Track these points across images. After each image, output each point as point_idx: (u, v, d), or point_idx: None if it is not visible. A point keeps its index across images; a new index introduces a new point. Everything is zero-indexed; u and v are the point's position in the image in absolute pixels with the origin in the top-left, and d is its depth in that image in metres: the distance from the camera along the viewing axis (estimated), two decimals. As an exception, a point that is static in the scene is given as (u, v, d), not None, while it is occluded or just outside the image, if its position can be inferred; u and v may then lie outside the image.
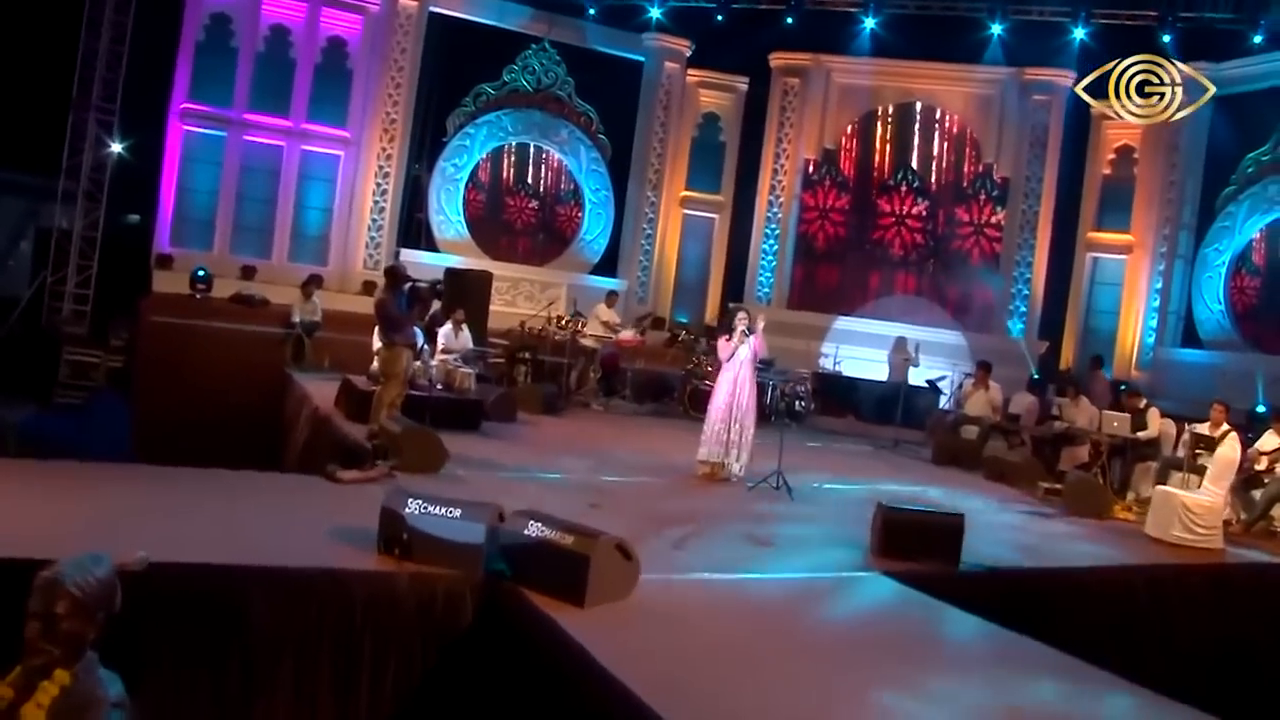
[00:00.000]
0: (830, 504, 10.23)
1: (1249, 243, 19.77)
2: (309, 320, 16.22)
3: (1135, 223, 21.45)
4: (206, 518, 6.70)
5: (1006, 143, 22.29)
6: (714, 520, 8.73)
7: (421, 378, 11.65)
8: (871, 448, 15.49)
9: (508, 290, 21.17)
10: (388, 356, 10.22)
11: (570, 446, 12.03)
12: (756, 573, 7.02)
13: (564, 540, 5.67)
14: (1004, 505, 11.51)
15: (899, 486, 11.87)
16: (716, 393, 10.69)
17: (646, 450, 12.47)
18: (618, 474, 10.39)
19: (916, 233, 22.97)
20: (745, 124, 23.90)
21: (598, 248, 23.09)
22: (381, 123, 20.92)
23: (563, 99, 22.50)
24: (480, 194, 22.38)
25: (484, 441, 11.44)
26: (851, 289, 23.19)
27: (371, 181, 20.96)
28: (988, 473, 13.52)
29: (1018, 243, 22.18)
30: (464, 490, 8.61)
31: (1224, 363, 19.22)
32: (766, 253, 23.54)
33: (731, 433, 10.46)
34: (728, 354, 10.64)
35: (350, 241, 20.91)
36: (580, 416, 15.24)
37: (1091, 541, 9.91)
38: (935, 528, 7.90)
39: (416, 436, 9.12)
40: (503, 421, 12.91)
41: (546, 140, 22.58)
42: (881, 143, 23.40)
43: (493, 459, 10.33)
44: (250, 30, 19.65)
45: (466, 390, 12.50)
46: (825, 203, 23.44)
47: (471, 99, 21.83)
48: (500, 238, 22.58)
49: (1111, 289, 21.79)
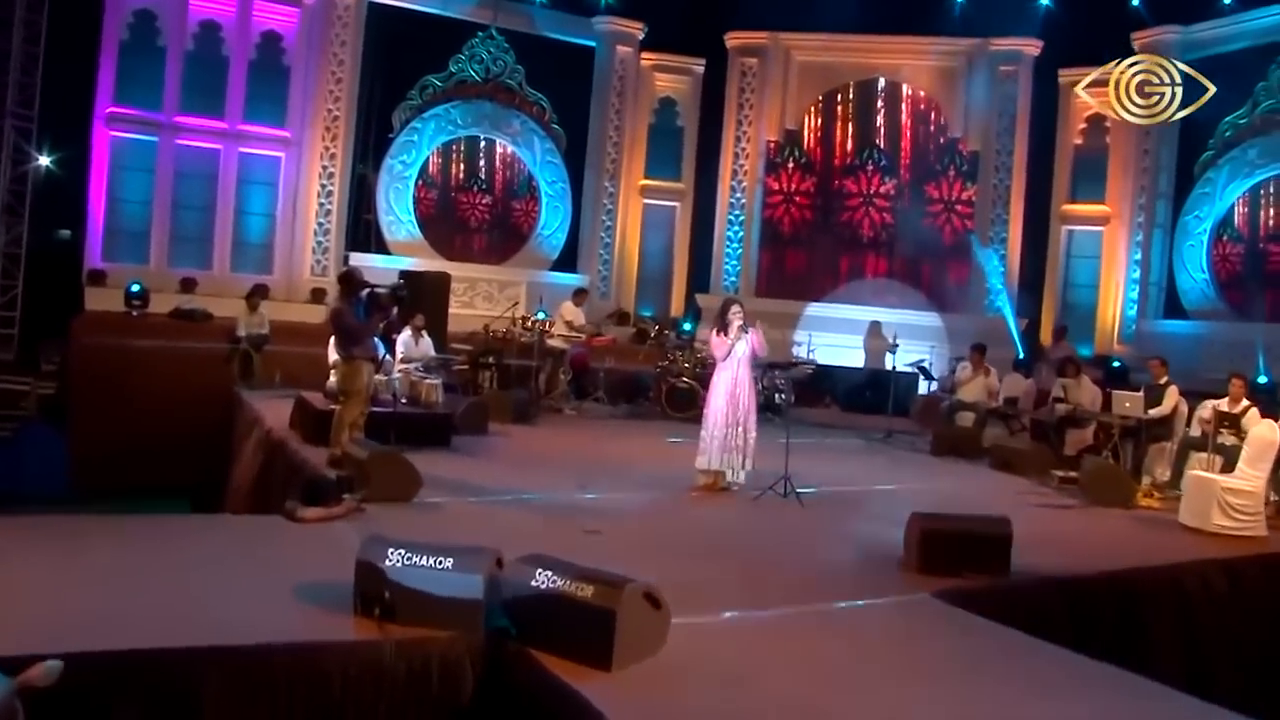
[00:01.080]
0: (844, 511, 9.35)
1: (1230, 208, 19.17)
2: (256, 334, 15.13)
3: (1110, 193, 20.83)
4: (146, 582, 5.66)
5: (974, 116, 21.57)
6: (727, 540, 7.82)
7: (384, 392, 10.63)
8: (863, 441, 14.66)
9: (465, 291, 20.12)
10: (346, 371, 9.23)
11: (550, 459, 11.06)
12: (794, 605, 6.09)
13: (582, 592, 4.72)
14: (1019, 499, 10.69)
15: (907, 485, 11.06)
16: (713, 395, 9.75)
17: (633, 459, 11.54)
18: (609, 490, 9.41)
19: (885, 212, 22.17)
20: (703, 107, 23.03)
21: (556, 242, 22.12)
22: (323, 121, 19.79)
23: (513, 88, 21.49)
24: (431, 191, 21.32)
25: (457, 459, 10.43)
26: (821, 274, 22.32)
27: (315, 183, 19.84)
28: (993, 462, 12.76)
29: (990, 218, 21.48)
30: (442, 520, 7.68)
31: (1210, 332, 18.66)
32: (731, 240, 22.71)
33: (732, 438, 9.54)
34: (723, 352, 9.71)
35: (296, 248, 19.78)
36: (554, 423, 14.27)
37: (1130, 535, 9.13)
38: (980, 538, 7.03)
39: (385, 462, 8.11)
40: (474, 434, 11.92)
41: (498, 132, 21.56)
42: (845, 121, 22.59)
43: (469, 480, 9.33)
44: (177, 27, 18.42)
45: (434, 403, 11.49)
46: (789, 186, 22.59)
47: (417, 92, 20.76)
48: (454, 236, 21.55)
49: (1089, 262, 21.18)
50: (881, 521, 8.73)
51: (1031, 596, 6.88)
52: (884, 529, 8.32)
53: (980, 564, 6.94)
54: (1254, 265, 18.79)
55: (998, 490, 11.12)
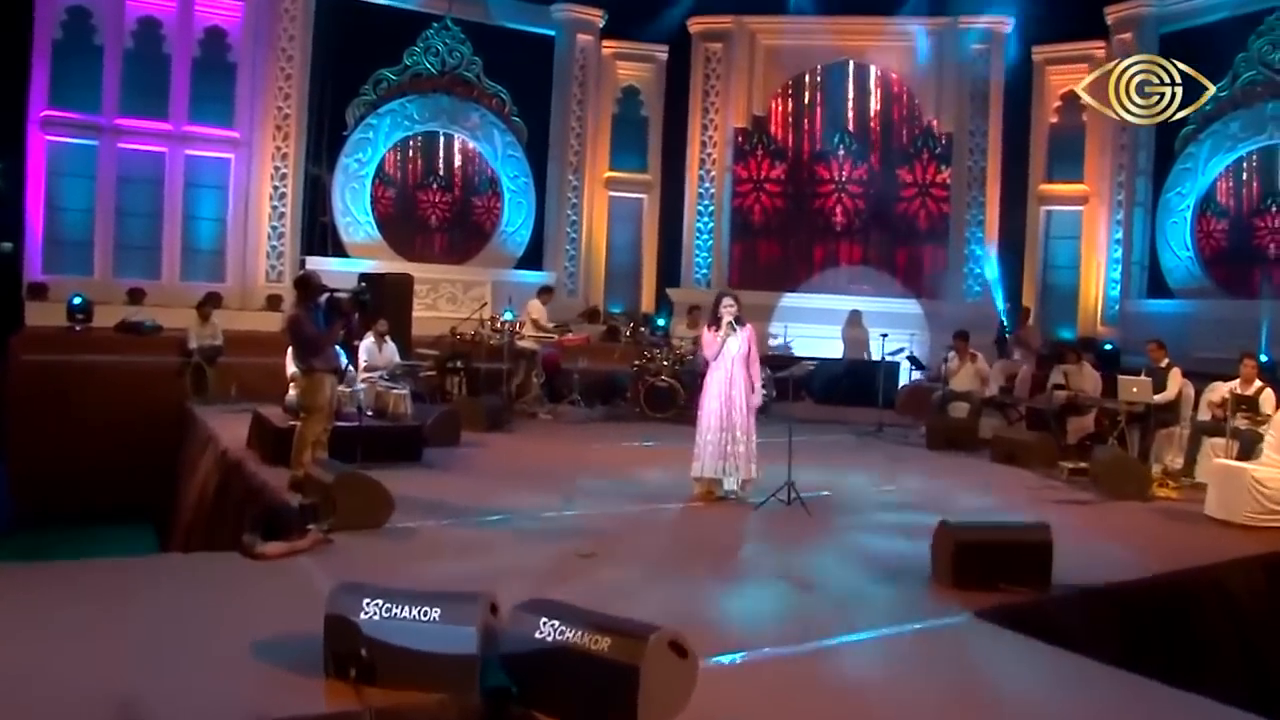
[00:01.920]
0: (855, 517, 8.68)
1: (1213, 184, 18.68)
2: (209, 345, 14.31)
3: (1088, 172, 20.31)
4: (78, 650, 4.85)
5: (946, 97, 21.00)
6: (735, 559, 7.12)
7: (348, 405, 9.83)
8: (854, 436, 14.01)
9: (427, 293, 19.25)
10: (307, 385, 8.46)
11: (530, 472, 10.29)
12: (826, 635, 5.39)
13: (597, 645, 3.98)
14: (1032, 494, 10.10)
15: (911, 484, 10.42)
16: (705, 397, 9.04)
17: (617, 466, 10.83)
18: (597, 505, 8.68)
19: (859, 199, 21.56)
20: (668, 96, 22.26)
21: (521, 239, 21.33)
22: (273, 119, 18.87)
23: (471, 80, 20.65)
24: (389, 190, 20.43)
25: (429, 476, 9.67)
26: (795, 263, 21.68)
27: (267, 185, 18.91)
28: (995, 454, 12.17)
29: (966, 201, 20.92)
30: (418, 548, 6.94)
31: (1198, 311, 18.15)
32: (701, 231, 22.02)
33: (726, 444, 8.83)
34: (714, 350, 9.00)
35: (249, 253, 18.85)
36: (529, 430, 13.51)
37: (1160, 533, 8.54)
38: (1019, 548, 6.37)
39: (353, 485, 7.33)
40: (446, 446, 11.18)
41: (456, 126, 20.71)
42: (814, 106, 21.91)
43: (445, 499, 8.57)
44: (114, 25, 17.41)
45: (402, 414, 10.69)
46: (759, 174, 21.90)
47: (371, 87, 19.88)
48: (414, 236, 20.67)
49: (1069, 243, 20.65)
50: (898, 529, 8.11)
51: (1079, 611, 6.24)
52: (903, 537, 7.70)
53: (1019, 576, 6.28)
54: (1239, 241, 18.30)
55: (1007, 486, 10.52)
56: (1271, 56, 17.78)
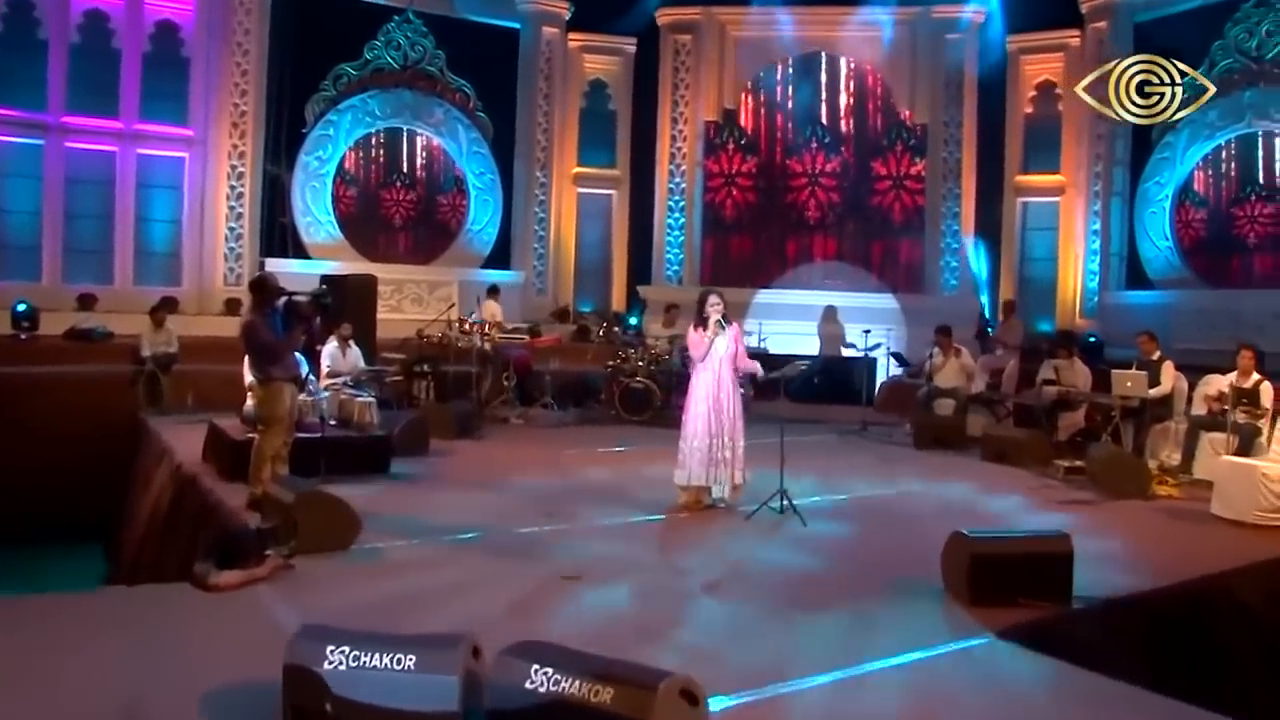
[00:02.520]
0: (853, 525, 8.21)
1: (1192, 173, 18.39)
2: (163, 352, 13.67)
3: (1065, 162, 19.99)
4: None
5: (920, 88, 20.60)
6: (731, 577, 6.60)
7: (310, 415, 9.26)
8: (837, 435, 13.56)
9: (392, 295, 18.66)
10: (265, 396, 7.89)
11: (505, 481, 9.74)
12: (845, 668, 4.89)
13: (599, 696, 3.47)
14: (1030, 495, 9.68)
15: (904, 486, 9.98)
16: (692, 401, 8.55)
17: (596, 474, 10.33)
18: (576, 518, 8.15)
19: (832, 192, 21.12)
20: (636, 89, 21.77)
21: (487, 238, 20.75)
22: (229, 116, 18.20)
23: (434, 75, 20.05)
24: (350, 189, 19.80)
25: (399, 489, 9.12)
26: (768, 259, 21.19)
27: (224, 184, 18.24)
28: (985, 453, 11.77)
29: (941, 193, 20.53)
30: (387, 572, 6.41)
31: (1178, 301, 17.85)
32: (672, 227, 21.53)
33: (716, 450, 8.34)
34: (701, 351, 8.51)
35: (206, 256, 18.18)
36: (500, 435, 12.95)
37: (1169, 535, 8.15)
38: (1037, 560, 5.93)
39: (315, 504, 6.78)
40: (415, 455, 10.62)
41: (420, 122, 20.11)
42: (785, 99, 21.46)
43: (416, 514, 8.03)
44: (59, 18, 16.67)
45: (368, 424, 10.08)
46: (730, 168, 21.42)
47: (331, 82, 19.23)
48: (377, 236, 20.05)
49: (1046, 234, 20.33)
50: (900, 537, 7.68)
51: (1102, 625, 5.81)
52: (906, 547, 7.26)
53: (1039, 590, 5.84)
54: (1219, 230, 18.02)
55: (1002, 487, 10.11)
56: (1248, 44, 17.52)
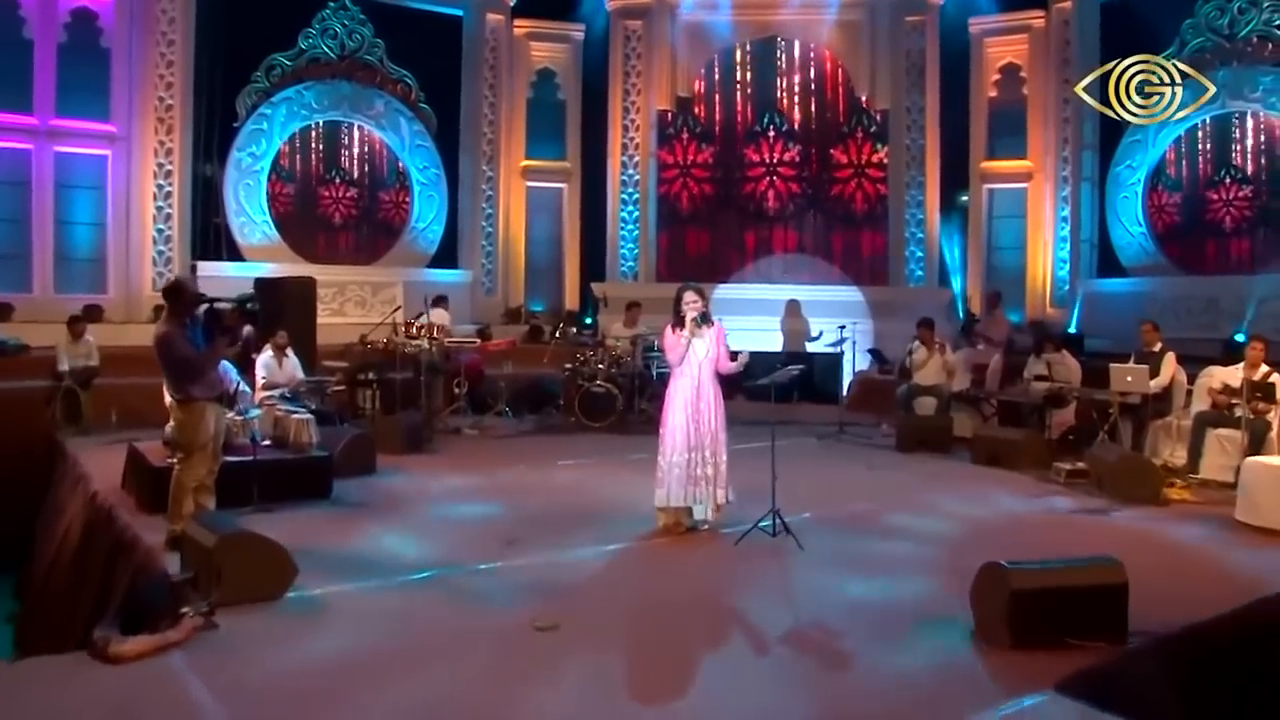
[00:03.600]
0: (856, 550, 7.38)
1: (1164, 156, 17.83)
2: (82, 366, 12.63)
3: (1031, 147, 19.38)
4: None
5: (880, 73, 19.90)
6: (730, 622, 5.77)
7: (240, 436, 8.29)
8: (815, 439, 12.76)
9: (333, 297, 17.67)
10: (184, 419, 6.95)
11: (459, 505, 8.83)
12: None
13: None
14: (1032, 503, 8.96)
15: (901, 498, 9.19)
16: (669, 411, 7.68)
17: (562, 491, 9.46)
18: (544, 549, 7.23)
19: (791, 181, 20.38)
20: (585, 78, 20.86)
21: (433, 236, 19.77)
22: (154, 111, 17.10)
23: (374, 65, 19.01)
24: (287, 186, 18.72)
25: (340, 518, 8.16)
26: (726, 252, 20.47)
27: (150, 184, 17.15)
28: (977, 455, 11.04)
29: (904, 181, 19.87)
30: (327, 626, 5.52)
31: (1153, 289, 17.29)
32: (626, 221, 20.67)
33: (695, 465, 7.49)
34: (678, 354, 7.66)
35: (133, 260, 17.06)
36: (453, 448, 12.02)
37: (1205, 548, 7.42)
38: (1087, 593, 5.15)
39: (242, 547, 5.83)
40: (360, 475, 9.68)
41: (359, 115, 19.06)
42: (742, 85, 20.69)
43: (360, 550, 7.11)
44: (-38, 7, 15.55)
45: (305, 444, 9.09)
46: (685, 158, 20.61)
47: (263, 73, 18.13)
48: (317, 236, 19.01)
49: (1013, 222, 19.71)
50: (911, 561, 6.87)
51: (1163, 666, 5.03)
52: (921, 573, 6.45)
53: (1090, 628, 5.06)
54: (1193, 214, 17.47)
55: (1002, 494, 9.38)
56: (1220, 22, 16.97)
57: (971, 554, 6.24)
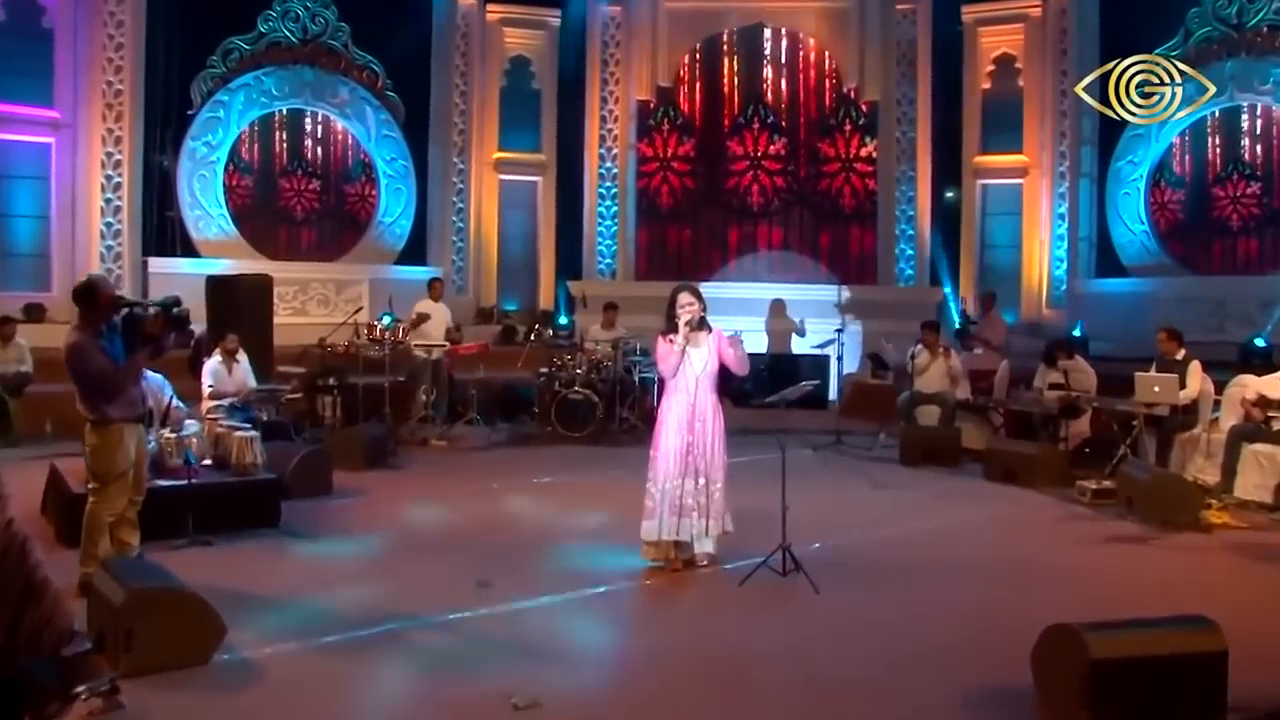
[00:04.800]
0: (874, 588, 6.48)
1: (1167, 150, 17.10)
2: (12, 372, 11.60)
3: (1027, 141, 18.49)
4: None
5: (870, 63, 18.98)
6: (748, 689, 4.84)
7: (174, 456, 7.30)
8: (810, 450, 11.86)
9: (294, 296, 16.80)
10: (98, 444, 5.98)
11: (424, 535, 7.90)
12: None
13: None
14: (1062, 528, 8.11)
15: (916, 522, 8.31)
16: (661, 431, 6.75)
17: (534, 518, 8.53)
18: (520, 592, 6.26)
19: (776, 175, 19.52)
20: (562, 66, 19.78)
21: (400, 231, 18.78)
22: (102, 97, 16.04)
23: (338, 50, 17.99)
24: (246, 178, 17.71)
25: (287, 553, 7.18)
26: (708, 249, 19.63)
27: (98, 174, 16.11)
28: (990, 471, 10.15)
29: (895, 175, 19.02)
30: (259, 703, 4.52)
31: (1156, 290, 16.57)
32: (604, 217, 19.75)
33: (689, 493, 6.57)
34: (672, 365, 6.75)
35: (79, 256, 15.99)
36: (419, 463, 11.03)
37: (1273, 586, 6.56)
38: (1182, 664, 4.25)
39: (157, 605, 4.85)
40: (314, 497, 8.71)
41: (323, 103, 18.03)
42: (726, 75, 19.78)
43: (307, 597, 6.13)
44: (-108, -17, 14.45)
45: (251, 465, 8.07)
46: (666, 151, 19.72)
47: (220, 58, 17.08)
48: (278, 231, 18.02)
49: (1008, 219, 18.86)
50: (945, 608, 6.01)
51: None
52: (963, 628, 5.60)
53: (1182, 705, 4.18)
54: (1198, 212, 16.77)
55: (1027, 518, 8.54)
56: (1227, 11, 16.30)
57: (1016, 598, 5.43)
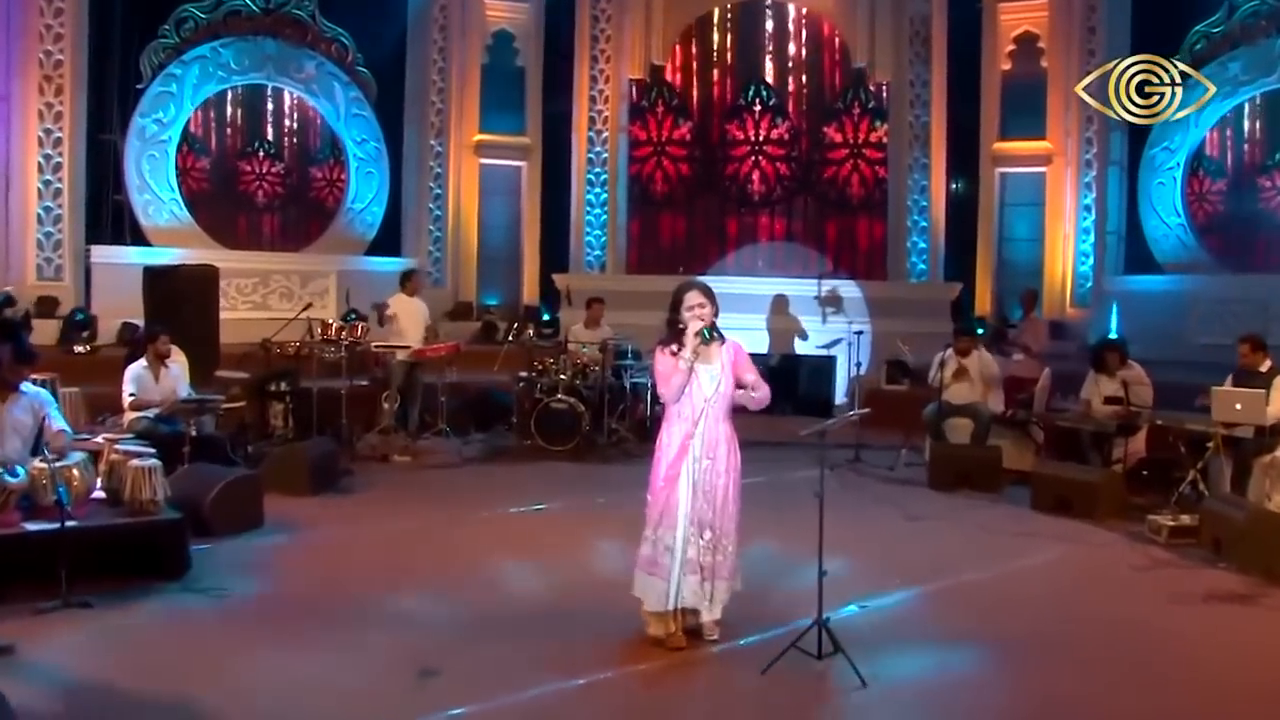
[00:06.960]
0: (941, 679, 5.09)
1: (1206, 137, 15.84)
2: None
3: (1051, 127, 17.13)
4: None
5: (881, 41, 17.68)
6: None
7: (47, 494, 5.82)
8: (828, 468, 10.38)
9: (254, 289, 15.54)
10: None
11: (368, 592, 6.39)
12: None
13: None
14: (1144, 577, 6.73)
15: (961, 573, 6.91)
16: (661, 465, 5.27)
17: (507, 569, 7.07)
18: (483, 685, 4.83)
19: (779, 162, 18.27)
20: (548, 42, 18.54)
21: (372, 219, 17.45)
22: (39, 69, 14.57)
23: (304, 21, 16.59)
24: (200, 159, 16.33)
25: (183, 623, 5.64)
26: (705, 241, 18.46)
27: (35, 154, 14.66)
28: (1040, 500, 8.74)
29: (907, 163, 17.72)
30: None
31: (1193, 288, 15.40)
32: (593, 205, 18.52)
33: (695, 549, 5.13)
34: (677, 386, 5.29)
35: (13, 244, 14.63)
36: (375, 484, 9.56)
37: None
38: None
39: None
40: (242, 532, 7.26)
41: (286, 78, 16.64)
42: (724, 53, 18.59)
43: (195, 700, 4.65)
44: None
45: (149, 504, 6.47)
46: (660, 135, 18.46)
47: (173, 27, 15.65)
48: (237, 217, 16.71)
49: (1029, 210, 17.52)
50: (1041, 712, 4.56)
51: None
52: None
53: None
54: (1240, 204, 15.61)
55: (1097, 563, 7.21)
56: (1276, -15, 14.99)
57: (1124, 689, 4.08)
